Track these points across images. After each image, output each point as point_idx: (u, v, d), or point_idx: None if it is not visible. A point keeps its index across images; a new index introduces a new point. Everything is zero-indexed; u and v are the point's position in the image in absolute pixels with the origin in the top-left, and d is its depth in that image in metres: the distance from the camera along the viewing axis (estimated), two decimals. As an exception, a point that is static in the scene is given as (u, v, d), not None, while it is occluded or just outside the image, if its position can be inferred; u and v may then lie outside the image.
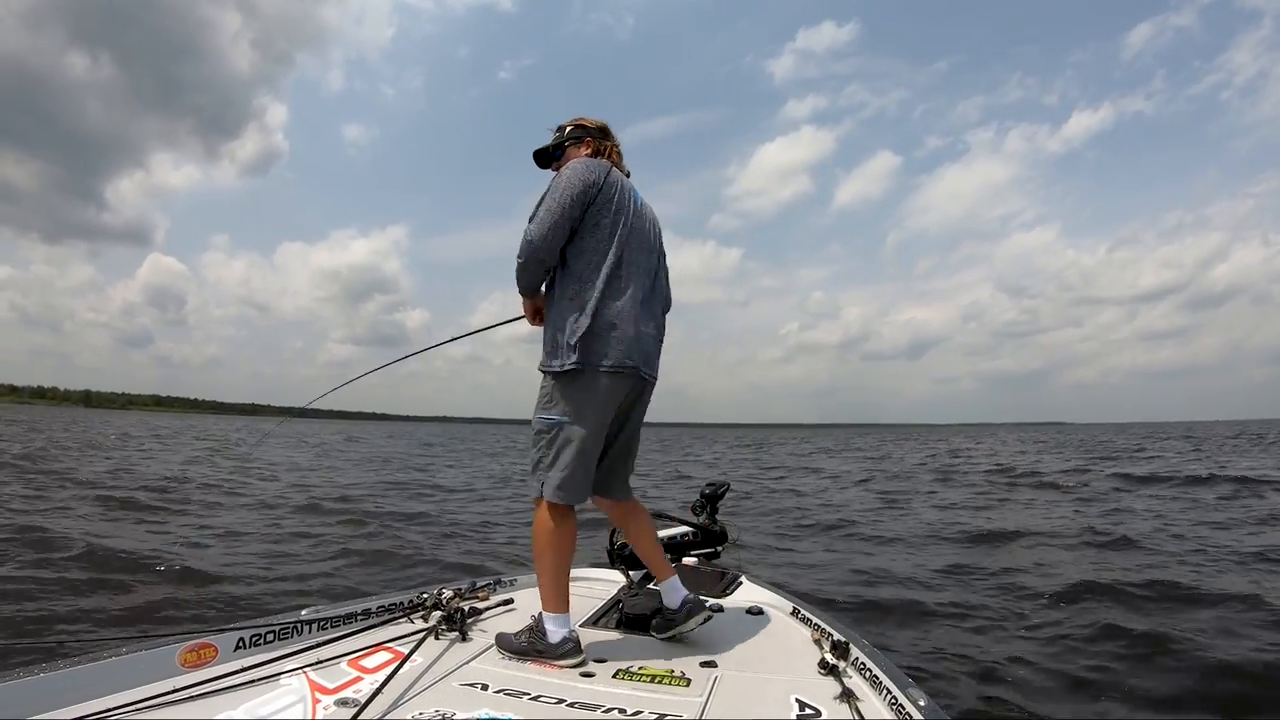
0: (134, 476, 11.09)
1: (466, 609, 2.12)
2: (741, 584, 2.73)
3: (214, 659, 1.62)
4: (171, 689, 1.42)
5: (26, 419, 44.42)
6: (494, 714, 1.43)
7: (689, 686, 1.67)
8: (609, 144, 2.16)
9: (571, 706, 1.52)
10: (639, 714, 1.48)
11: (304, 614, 1.89)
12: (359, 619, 2.00)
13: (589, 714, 1.48)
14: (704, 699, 1.58)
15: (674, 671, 1.76)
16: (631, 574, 2.56)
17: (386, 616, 2.05)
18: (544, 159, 2.21)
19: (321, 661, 1.69)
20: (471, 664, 1.78)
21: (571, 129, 2.17)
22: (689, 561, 2.84)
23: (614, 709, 1.51)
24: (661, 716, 1.47)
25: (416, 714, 1.42)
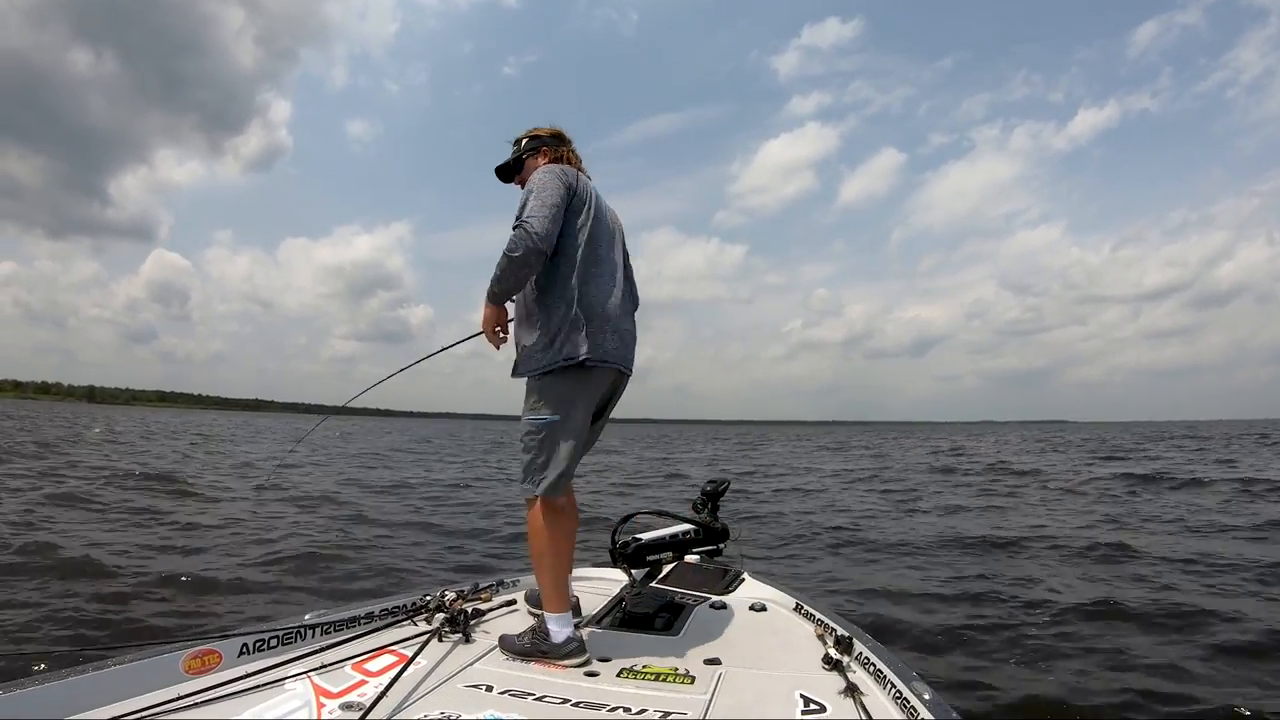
0: (109, 472, 10.82)
1: (469, 611, 2.13)
2: (744, 581, 2.73)
3: (218, 665, 1.62)
4: (176, 696, 1.42)
5: (27, 414, 44.24)
6: (499, 715, 1.44)
7: (693, 684, 1.68)
8: (565, 149, 2.18)
9: (576, 706, 1.53)
10: (644, 713, 1.49)
11: (307, 618, 1.89)
12: (362, 622, 2.00)
13: (594, 713, 1.49)
14: (708, 696, 1.59)
15: (678, 669, 1.77)
16: (634, 573, 2.56)
17: (390, 619, 2.06)
18: (506, 173, 2.24)
19: (325, 665, 1.69)
20: (475, 665, 1.79)
21: (527, 141, 2.19)
22: (691, 559, 2.83)
23: (619, 708, 1.51)
24: (666, 715, 1.48)
25: (421, 716, 1.43)
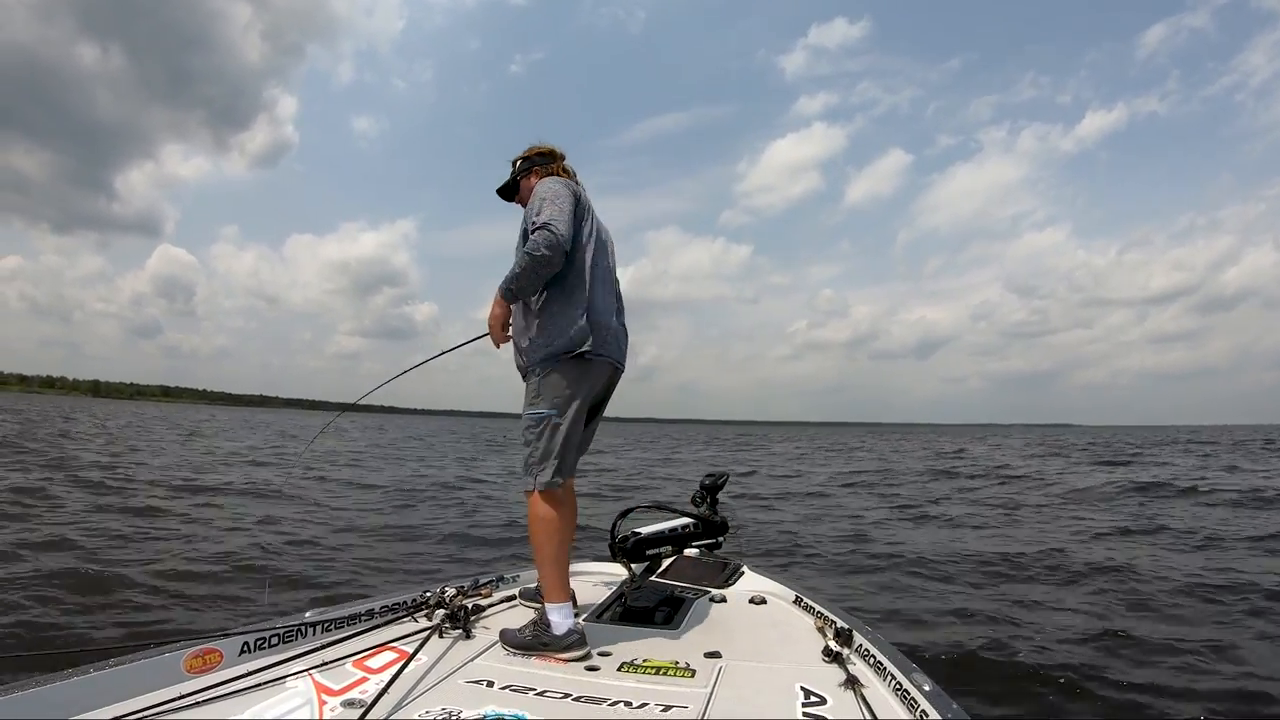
0: (107, 470, 10.73)
1: (470, 606, 2.13)
2: (743, 574, 2.74)
3: (219, 664, 1.62)
4: (178, 695, 1.42)
5: (26, 408, 44.25)
6: (500, 711, 1.44)
7: (694, 678, 1.68)
8: (555, 165, 2.26)
9: (577, 701, 1.53)
10: (644, 706, 1.49)
11: (308, 616, 1.89)
12: (363, 619, 2.00)
13: (594, 707, 1.49)
14: (709, 690, 1.59)
15: (678, 663, 1.77)
16: (634, 567, 2.57)
17: (390, 616, 2.06)
18: (507, 193, 2.34)
19: (326, 663, 1.69)
20: (476, 661, 1.79)
21: (520, 163, 2.29)
22: (690, 553, 2.84)
23: (619, 702, 1.52)
24: (667, 708, 1.48)
25: (423, 713, 1.43)
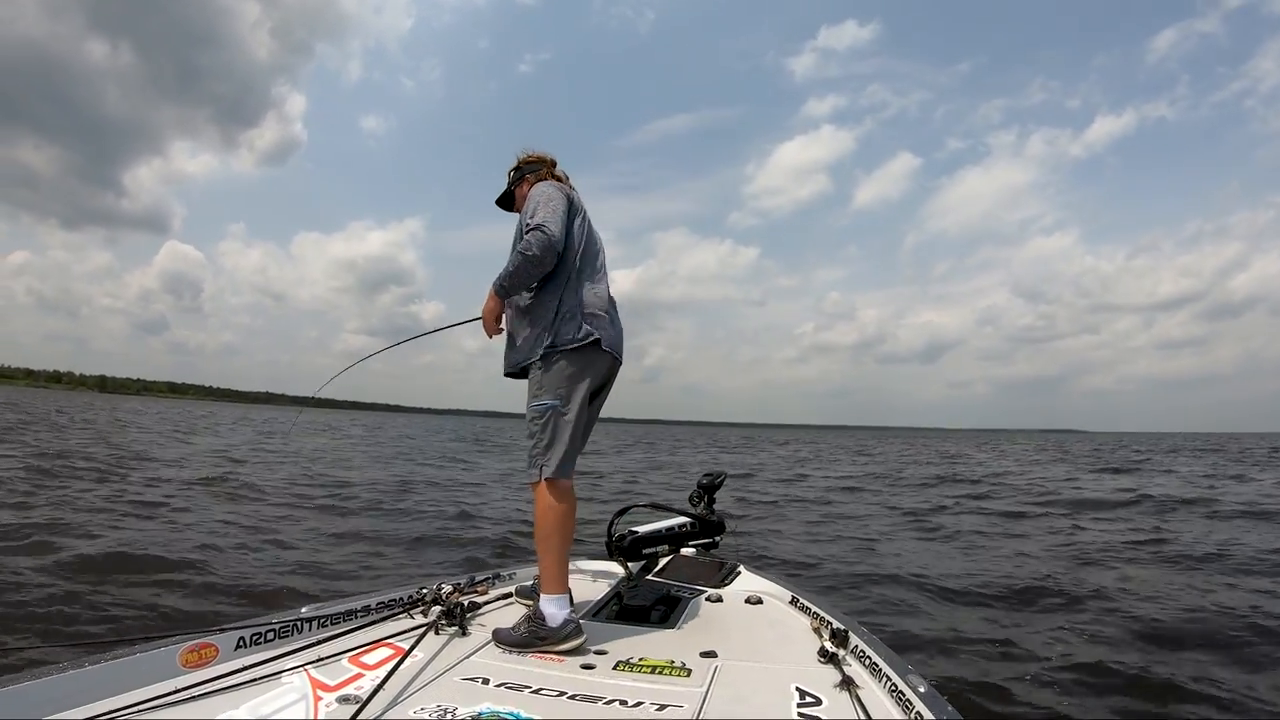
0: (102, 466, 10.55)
1: (466, 603, 2.14)
2: (740, 574, 2.74)
3: (215, 659, 1.62)
4: (173, 689, 1.42)
5: (20, 401, 44.05)
6: (495, 708, 1.44)
7: (689, 677, 1.68)
8: (545, 170, 2.31)
9: (573, 699, 1.53)
10: (640, 705, 1.49)
11: (304, 611, 1.89)
12: (359, 615, 2.01)
13: (590, 705, 1.49)
14: (704, 689, 1.59)
15: (674, 662, 1.77)
16: (630, 566, 2.57)
17: (386, 613, 2.06)
18: (506, 203, 2.42)
19: (322, 659, 1.69)
20: (472, 658, 1.79)
21: (514, 174, 2.36)
22: (687, 552, 2.85)
23: (615, 700, 1.52)
24: (662, 707, 1.48)
25: (418, 710, 1.43)
